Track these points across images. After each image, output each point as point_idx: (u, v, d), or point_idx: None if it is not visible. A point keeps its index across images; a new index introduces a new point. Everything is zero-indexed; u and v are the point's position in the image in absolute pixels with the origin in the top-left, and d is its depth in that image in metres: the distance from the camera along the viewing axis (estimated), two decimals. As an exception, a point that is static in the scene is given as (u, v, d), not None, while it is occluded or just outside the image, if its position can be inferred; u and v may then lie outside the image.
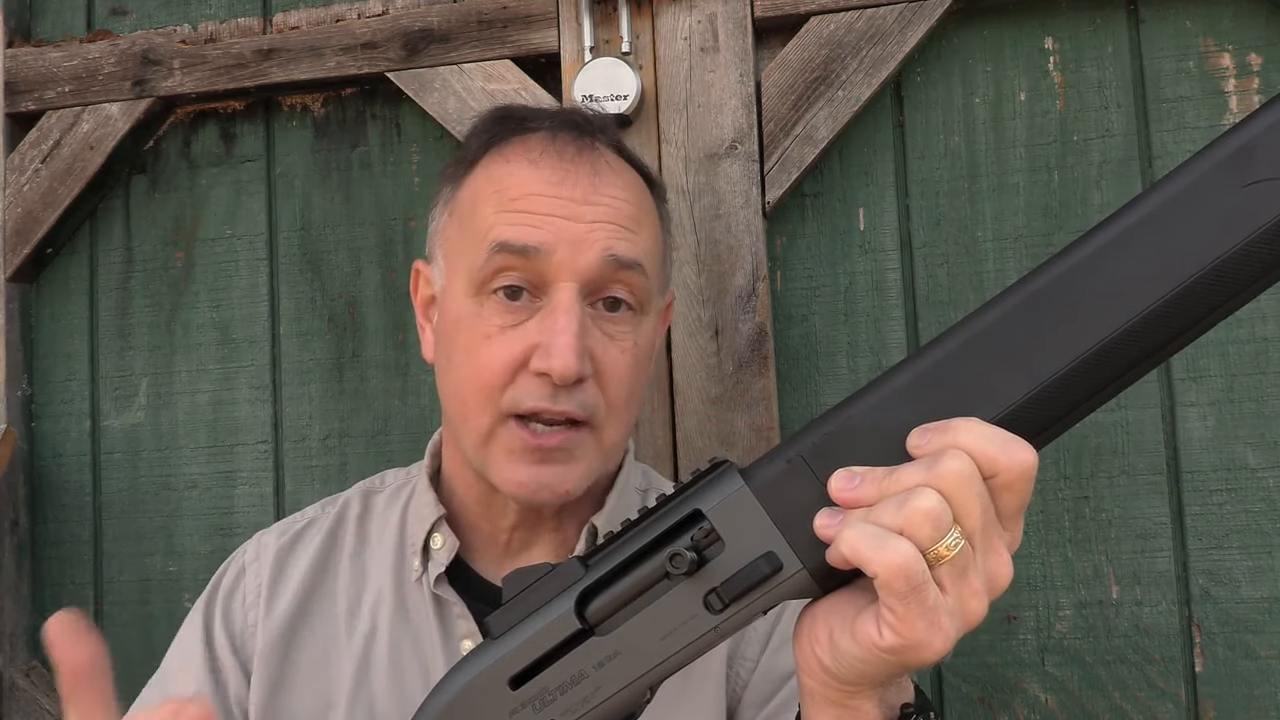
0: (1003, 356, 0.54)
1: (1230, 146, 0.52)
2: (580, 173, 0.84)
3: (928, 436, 0.54)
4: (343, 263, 1.43)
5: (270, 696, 0.90)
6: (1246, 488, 1.22)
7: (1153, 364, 0.54)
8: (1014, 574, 0.55)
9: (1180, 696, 1.21)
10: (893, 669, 0.55)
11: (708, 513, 0.57)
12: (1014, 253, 1.28)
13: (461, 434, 0.86)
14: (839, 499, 0.55)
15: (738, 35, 1.29)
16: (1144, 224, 0.53)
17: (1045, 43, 1.30)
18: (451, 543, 0.90)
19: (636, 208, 0.86)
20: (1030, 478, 0.53)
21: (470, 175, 0.88)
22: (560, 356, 0.79)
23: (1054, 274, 0.54)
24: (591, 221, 0.82)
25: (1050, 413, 0.54)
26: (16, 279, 1.46)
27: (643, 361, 0.87)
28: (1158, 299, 0.52)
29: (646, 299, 0.86)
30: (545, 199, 0.82)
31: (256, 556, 0.96)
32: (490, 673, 0.60)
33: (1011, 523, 0.55)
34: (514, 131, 0.88)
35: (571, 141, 0.86)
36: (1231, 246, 0.52)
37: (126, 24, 1.50)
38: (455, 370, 0.85)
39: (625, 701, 0.59)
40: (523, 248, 0.81)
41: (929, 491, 0.51)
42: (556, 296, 0.81)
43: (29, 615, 1.45)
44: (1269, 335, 1.22)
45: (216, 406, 1.44)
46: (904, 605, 0.51)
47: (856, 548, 0.52)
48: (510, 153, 0.86)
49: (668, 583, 0.58)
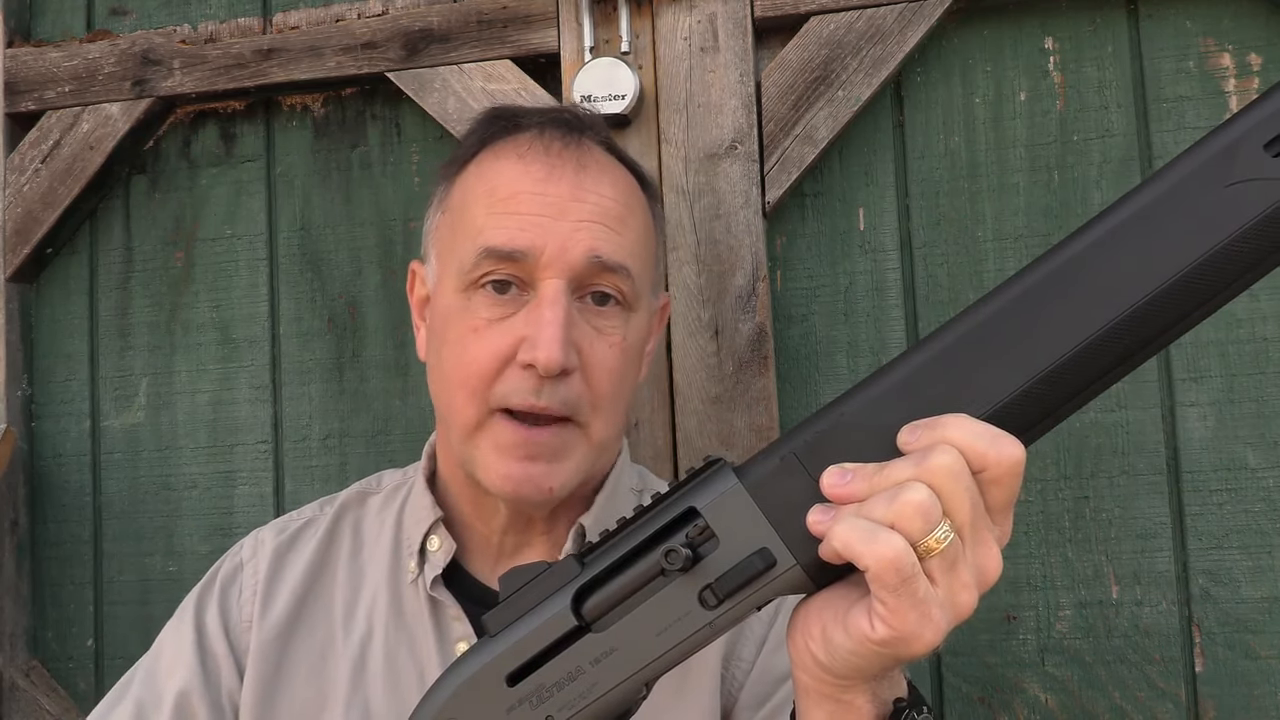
0: (991, 354, 0.55)
1: (1213, 147, 0.53)
2: (566, 168, 0.84)
3: (917, 433, 0.55)
4: (343, 263, 1.43)
5: (264, 696, 0.90)
6: (1246, 488, 1.22)
7: (1139, 360, 0.55)
8: (1014, 574, 0.55)
9: (1180, 696, 1.21)
10: (885, 661, 0.55)
11: (702, 510, 0.58)
12: (1014, 253, 1.28)
13: (450, 428, 0.87)
14: (831, 495, 0.55)
15: (738, 35, 1.29)
16: (1129, 223, 0.54)
17: (1045, 43, 1.30)
18: (449, 545, 0.90)
19: (624, 206, 0.86)
20: (1018, 472, 0.54)
21: (462, 174, 0.89)
22: (545, 348, 0.79)
23: (1041, 272, 0.55)
24: (578, 220, 0.83)
25: (1038, 409, 0.55)
26: (16, 279, 1.46)
27: (632, 358, 0.88)
28: (1143, 296, 0.53)
29: (635, 297, 0.87)
30: (533, 196, 0.83)
31: (254, 554, 0.96)
32: (487, 669, 0.61)
33: (1001, 517, 0.55)
34: (505, 130, 0.89)
35: (559, 138, 0.87)
36: (1214, 245, 0.53)
37: (126, 24, 1.50)
38: (443, 364, 0.86)
39: (621, 697, 0.59)
40: (510, 253, 0.82)
41: (919, 485, 0.52)
42: (543, 290, 0.82)
43: (29, 615, 1.45)
44: (1269, 335, 1.22)
45: (216, 406, 1.44)
46: (895, 598, 0.52)
47: (848, 542, 0.53)
48: (500, 150, 0.87)
49: (663, 579, 0.58)
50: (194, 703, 0.89)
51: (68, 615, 1.46)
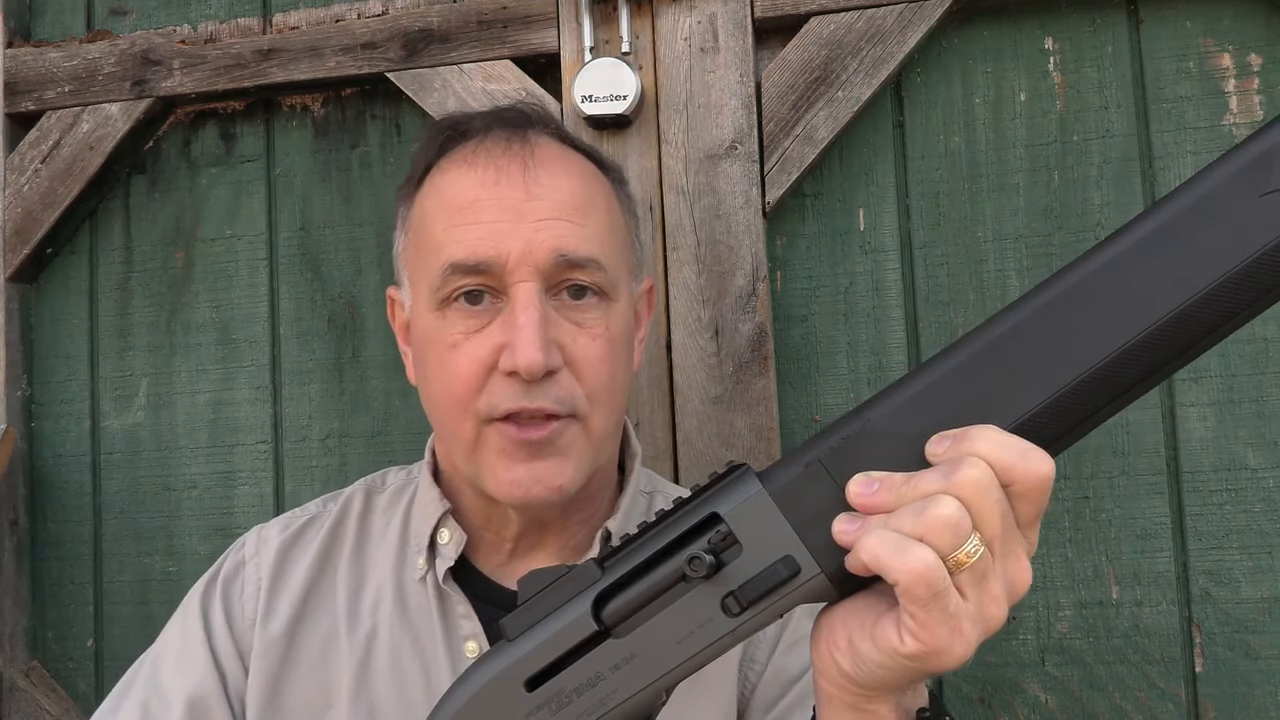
0: (1020, 364, 0.54)
1: (1247, 156, 0.52)
2: (514, 167, 0.83)
3: (945, 444, 0.54)
4: (343, 263, 1.43)
5: (269, 694, 0.89)
6: (1246, 488, 1.22)
7: (1168, 372, 0.54)
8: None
9: (1180, 696, 1.21)
10: (913, 675, 0.55)
11: (725, 516, 0.57)
12: (1014, 253, 1.28)
13: (452, 447, 0.86)
14: (857, 504, 0.55)
15: (738, 35, 1.29)
16: (1160, 233, 0.53)
17: (1045, 43, 1.30)
18: (459, 536, 0.89)
19: (583, 197, 0.85)
20: (1047, 487, 0.53)
21: (418, 192, 0.88)
22: (524, 351, 0.78)
23: (1070, 282, 0.54)
24: (537, 220, 0.81)
25: (1066, 421, 0.54)
26: (16, 279, 1.46)
27: (619, 347, 0.86)
28: (1173, 308, 0.52)
29: (611, 286, 0.85)
30: (487, 202, 0.82)
31: (257, 551, 0.95)
32: (506, 674, 0.60)
33: (1029, 529, 0.55)
34: (451, 140, 0.88)
35: (504, 138, 0.85)
36: (1247, 257, 0.51)
37: (126, 24, 1.50)
38: (430, 385, 0.85)
39: (642, 704, 0.59)
40: (474, 265, 0.81)
41: (948, 499, 0.51)
42: (515, 295, 0.81)
43: (29, 615, 1.45)
44: (1269, 335, 1.22)
45: (216, 407, 1.44)
46: (925, 612, 0.51)
47: (877, 554, 0.52)
48: (448, 163, 0.86)
49: (685, 585, 0.58)
50: (210, 703, 0.89)
51: (68, 615, 1.46)
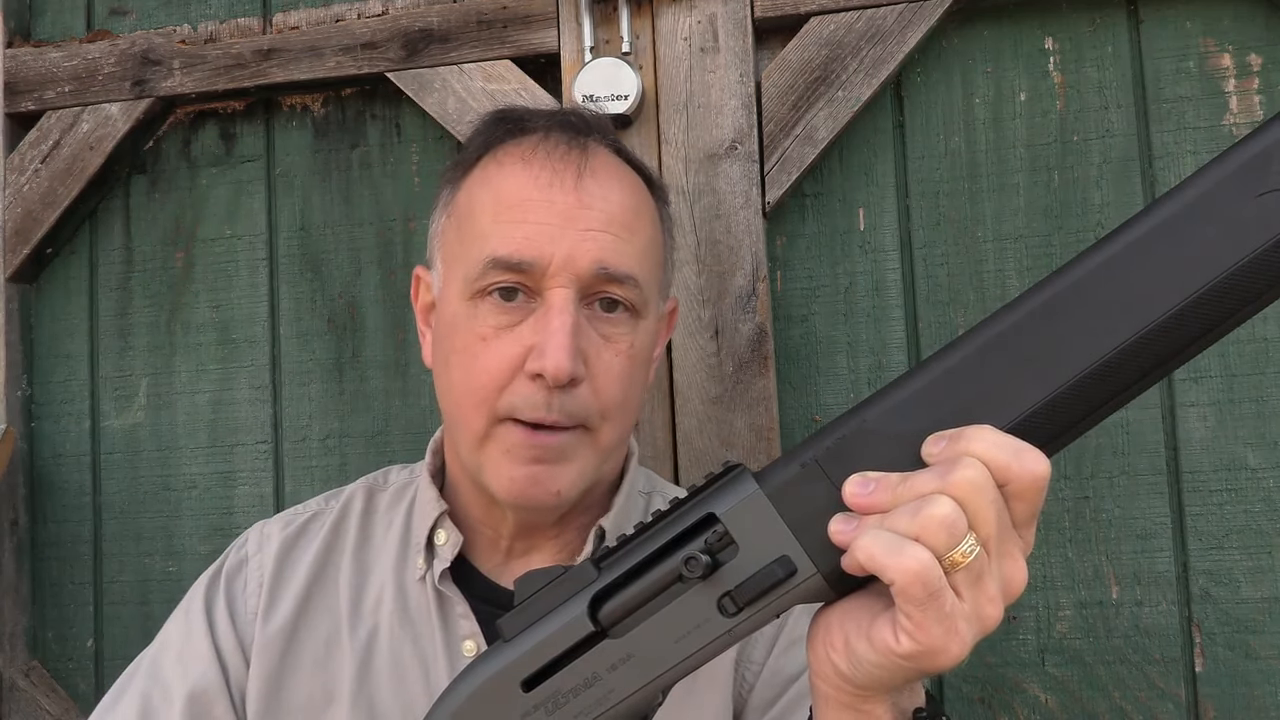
0: (1016, 364, 0.54)
1: (1244, 155, 0.52)
2: (569, 172, 0.83)
3: (941, 444, 0.54)
4: (343, 263, 1.43)
5: (270, 690, 0.89)
6: (1246, 488, 1.22)
7: (1165, 372, 0.54)
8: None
9: (1180, 696, 1.21)
10: (909, 675, 0.55)
11: (722, 516, 0.57)
12: (1014, 253, 1.28)
13: (458, 437, 0.86)
14: (853, 504, 0.55)
15: (738, 35, 1.29)
16: (1156, 232, 0.53)
17: (1045, 43, 1.30)
18: (455, 538, 0.90)
19: (632, 212, 0.85)
20: (1042, 487, 0.53)
21: (467, 178, 0.88)
22: (553, 357, 0.78)
23: (1066, 282, 0.54)
24: (584, 229, 0.81)
25: (1063, 421, 0.54)
26: (16, 279, 1.46)
27: (639, 365, 0.87)
28: (1169, 308, 0.52)
29: (643, 304, 0.86)
30: (538, 204, 0.82)
31: (259, 548, 0.95)
32: (503, 675, 0.60)
33: (1025, 529, 0.55)
34: (510, 134, 0.88)
35: (564, 141, 0.85)
36: (1244, 256, 0.51)
37: (126, 24, 1.50)
38: (451, 373, 0.85)
39: (638, 704, 0.59)
40: (517, 263, 0.81)
41: (944, 499, 0.51)
42: (551, 299, 0.81)
43: (29, 615, 1.45)
44: (1269, 335, 1.22)
45: (216, 406, 1.44)
46: (921, 612, 0.52)
47: (873, 554, 0.52)
48: (505, 154, 0.86)
49: (681, 586, 0.58)
50: (212, 696, 0.89)
51: (68, 615, 1.46)
